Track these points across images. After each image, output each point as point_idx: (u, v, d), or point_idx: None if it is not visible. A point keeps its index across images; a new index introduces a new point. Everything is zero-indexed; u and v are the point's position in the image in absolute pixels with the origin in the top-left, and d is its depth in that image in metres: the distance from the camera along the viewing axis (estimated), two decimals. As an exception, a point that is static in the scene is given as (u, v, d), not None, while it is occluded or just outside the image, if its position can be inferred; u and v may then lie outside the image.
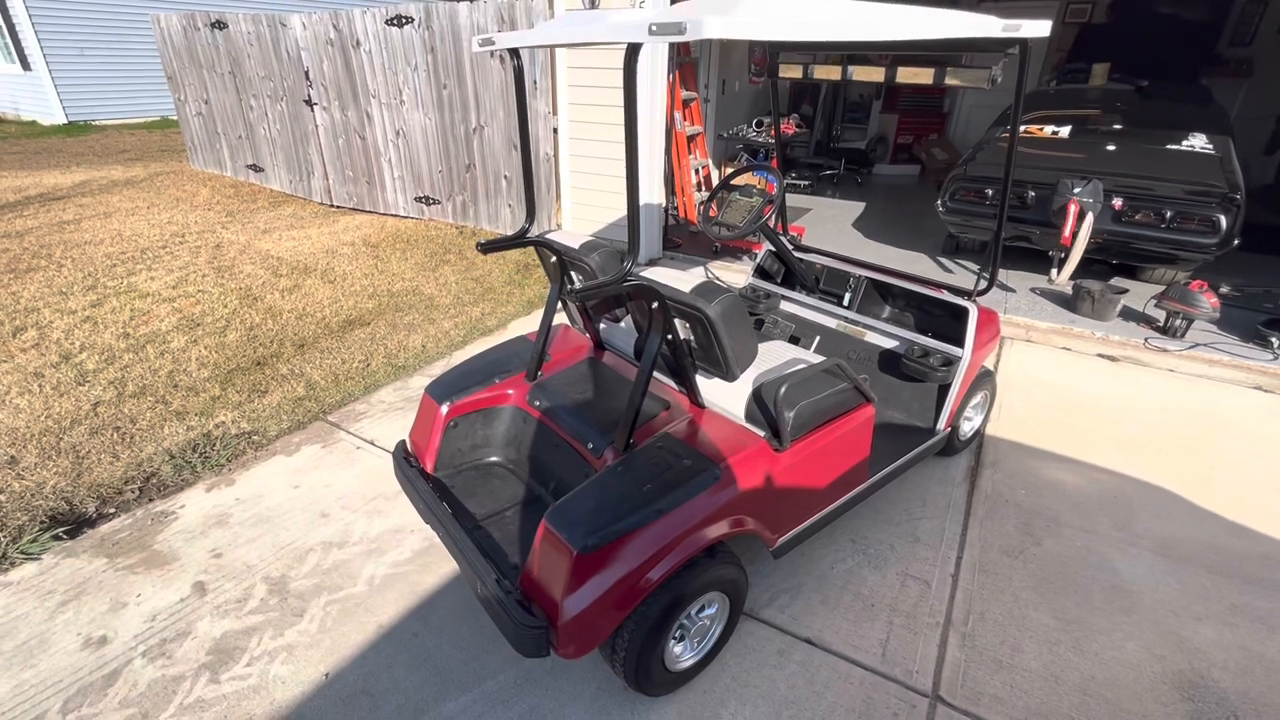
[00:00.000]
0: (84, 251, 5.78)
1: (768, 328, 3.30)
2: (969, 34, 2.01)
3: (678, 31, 1.26)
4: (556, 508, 1.73)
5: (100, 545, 2.57)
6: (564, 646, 1.66)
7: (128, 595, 2.34)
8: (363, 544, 2.58)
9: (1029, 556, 2.54)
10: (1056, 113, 5.71)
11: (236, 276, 5.31)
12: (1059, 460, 3.12)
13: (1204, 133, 5.05)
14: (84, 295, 4.83)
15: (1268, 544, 2.61)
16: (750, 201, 2.95)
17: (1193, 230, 4.43)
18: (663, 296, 1.77)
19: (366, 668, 2.08)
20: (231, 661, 2.10)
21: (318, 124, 7.12)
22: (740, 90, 8.06)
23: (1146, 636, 2.21)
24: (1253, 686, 2.04)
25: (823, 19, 1.57)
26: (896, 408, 2.90)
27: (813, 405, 2.06)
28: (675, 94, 5.88)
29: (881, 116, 9.27)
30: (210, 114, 8.55)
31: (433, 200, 6.76)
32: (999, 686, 2.03)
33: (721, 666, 2.07)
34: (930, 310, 2.98)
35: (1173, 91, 5.96)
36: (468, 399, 2.34)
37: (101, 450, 3.09)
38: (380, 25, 6.12)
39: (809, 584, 2.39)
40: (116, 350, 4.04)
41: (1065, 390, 3.73)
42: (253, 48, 7.28)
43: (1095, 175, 4.61)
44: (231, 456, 3.10)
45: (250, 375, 3.80)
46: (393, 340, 4.26)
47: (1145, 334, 4.31)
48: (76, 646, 2.14)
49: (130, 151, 10.59)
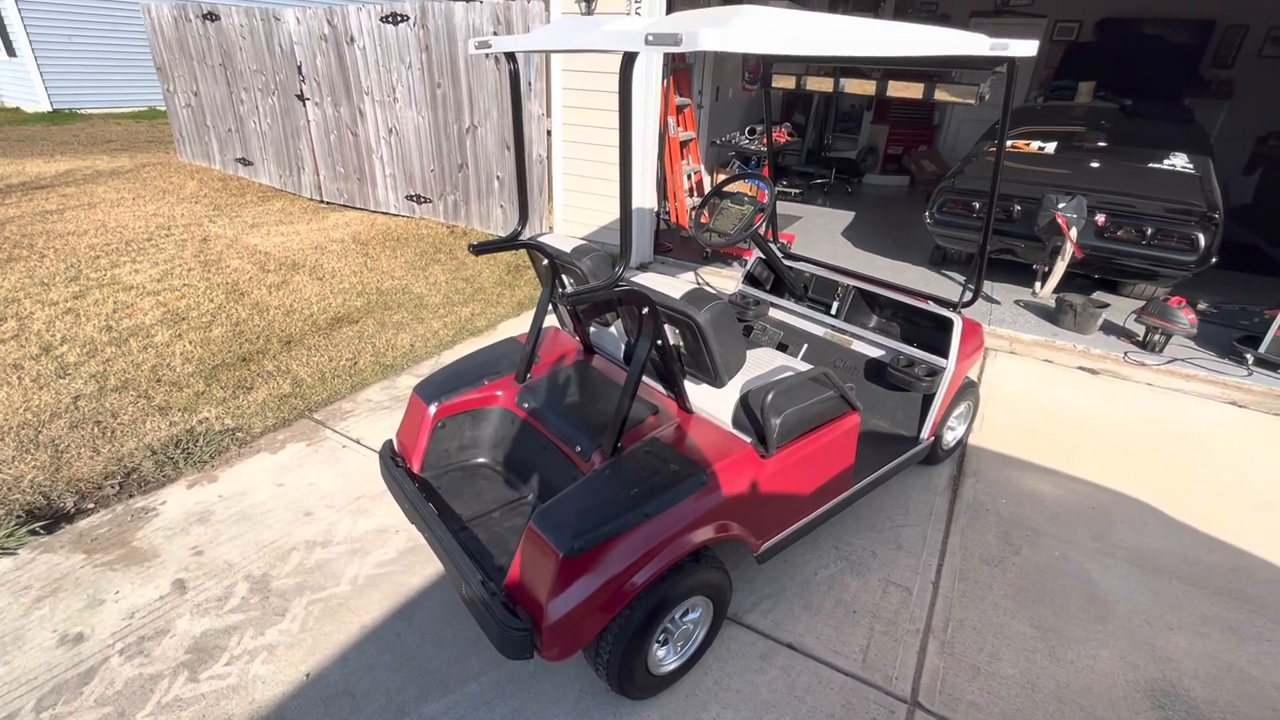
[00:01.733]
0: (67, 242, 5.69)
1: (756, 334, 3.33)
2: (958, 51, 2.05)
3: (674, 43, 1.28)
4: (543, 510, 1.74)
5: (78, 541, 2.54)
6: (548, 649, 1.67)
7: (106, 592, 2.31)
8: (347, 543, 2.56)
9: (1008, 565, 2.58)
10: (1043, 129, 5.82)
11: (223, 271, 5.26)
12: (1039, 471, 3.17)
13: (1185, 152, 5.17)
14: (66, 287, 4.76)
15: (1239, 556, 2.68)
16: (742, 209, 2.98)
17: (1172, 247, 4.53)
18: (653, 302, 1.79)
19: (348, 668, 2.07)
20: (211, 660, 2.08)
21: (309, 119, 7.07)
22: (734, 98, 8.12)
23: (1121, 645, 2.25)
24: (1222, 695, 2.09)
25: (817, 34, 1.60)
26: (881, 416, 2.93)
27: (799, 412, 2.08)
28: (669, 99, 5.91)
29: (872, 127, 9.38)
30: (199, 106, 8.46)
31: (424, 199, 6.73)
32: (976, 693, 2.06)
33: (704, 670, 2.09)
34: (916, 320, 3.03)
35: (1156, 111, 6.09)
36: (456, 400, 2.34)
37: (81, 444, 3.05)
38: (375, 22, 6.10)
39: (792, 589, 2.42)
40: (99, 343, 3.98)
41: (1046, 402, 3.79)
42: (245, 41, 7.23)
43: (1079, 191, 4.70)
44: (215, 453, 3.07)
45: (235, 371, 3.76)
46: (381, 339, 4.24)
47: (1125, 348, 4.39)
48: (52, 643, 2.11)
49: (116, 141, 10.45)
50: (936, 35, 1.93)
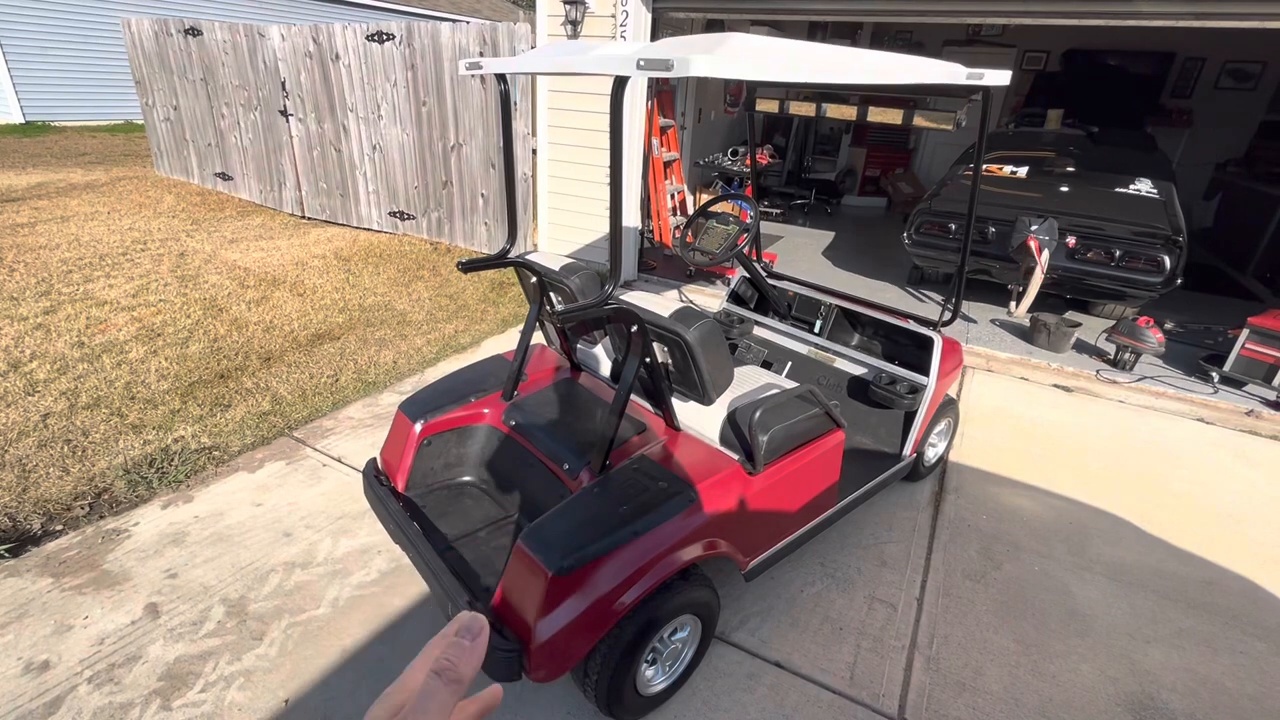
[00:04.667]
0: (38, 256, 5.56)
1: (741, 352, 3.37)
2: (936, 80, 2.13)
3: (665, 68, 1.32)
4: (532, 529, 1.73)
5: (46, 564, 2.45)
6: (536, 670, 1.65)
7: (74, 617, 2.23)
8: (327, 565, 2.51)
9: (990, 581, 2.62)
10: (1014, 153, 6.01)
11: (201, 286, 5.18)
12: (1018, 487, 3.23)
13: (1149, 178, 5.38)
14: (36, 301, 4.65)
15: (1210, 569, 2.74)
16: (726, 229, 3.03)
17: (1140, 269, 4.69)
18: (643, 321, 1.81)
19: (329, 693, 2.02)
20: (185, 687, 2.01)
21: (292, 135, 7.04)
22: (716, 119, 8.26)
23: (1100, 659, 2.29)
24: (1198, 707, 2.13)
25: (801, 61, 1.65)
26: (864, 433, 2.97)
27: (785, 430, 2.11)
28: (653, 120, 6.00)
29: (851, 149, 9.60)
30: (179, 120, 8.38)
31: (408, 215, 6.72)
32: (962, 709, 2.07)
33: (692, 690, 2.07)
34: (897, 339, 3.08)
35: (1121, 138, 6.33)
36: (442, 417, 2.33)
37: (50, 464, 2.96)
38: (361, 40, 6.12)
39: (779, 607, 2.42)
40: (70, 359, 3.88)
41: (1023, 419, 3.87)
42: (228, 56, 7.19)
43: (1050, 214, 4.86)
44: (190, 472, 3.00)
45: (213, 388, 3.69)
46: (363, 356, 4.19)
47: (1097, 366, 4.51)
48: (16, 672, 2.03)
49: (91, 155, 10.28)
50: (915, 64, 2.01)
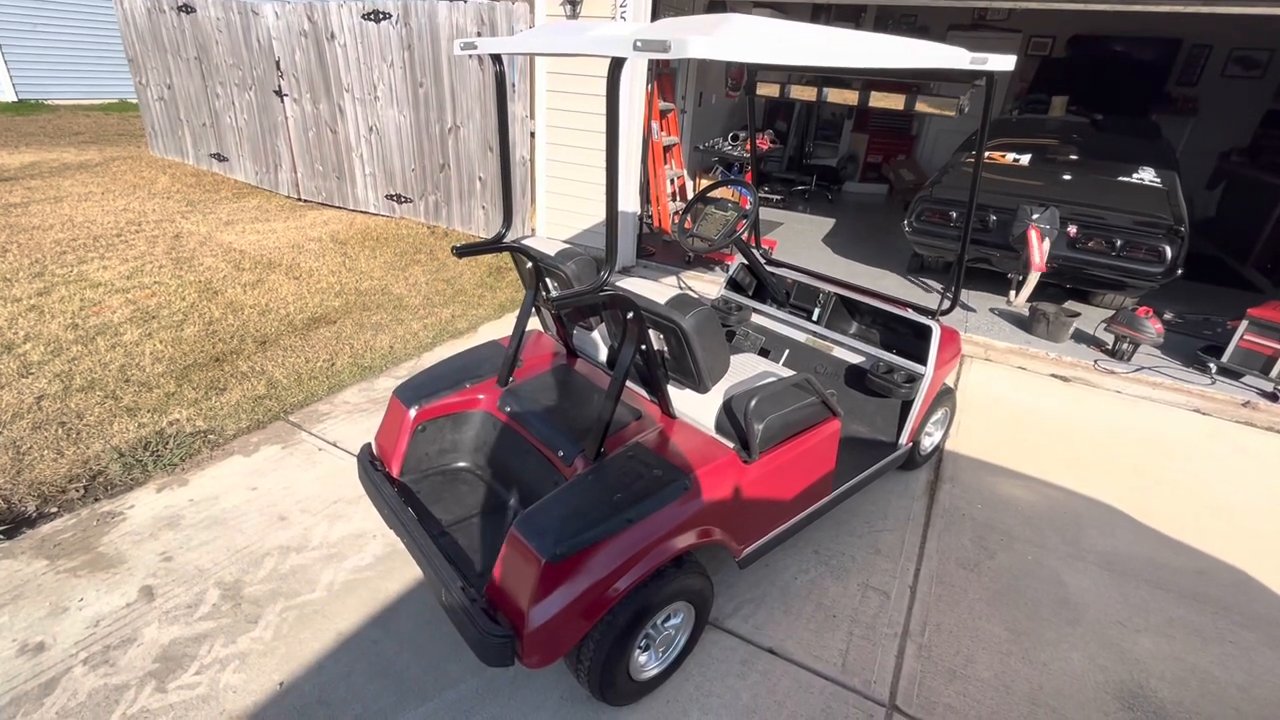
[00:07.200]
0: (31, 237, 5.51)
1: (738, 339, 3.35)
2: (939, 64, 2.09)
3: (662, 49, 1.28)
4: (525, 516, 1.72)
5: (40, 546, 2.45)
6: (529, 656, 1.65)
7: (69, 599, 2.23)
8: (322, 548, 2.51)
9: (983, 569, 2.63)
10: (1017, 140, 5.95)
11: (196, 269, 5.14)
12: (1013, 476, 3.24)
13: (1153, 166, 5.33)
14: (30, 283, 4.61)
15: (1202, 559, 2.76)
16: (725, 215, 3.00)
17: (1140, 259, 4.66)
18: (638, 307, 1.79)
19: (323, 676, 2.03)
20: (179, 670, 2.02)
21: (288, 116, 6.95)
22: (717, 104, 8.17)
23: (1091, 648, 2.30)
24: (1187, 696, 2.15)
25: (802, 44, 1.61)
26: (861, 422, 2.97)
27: (781, 418, 2.10)
28: (653, 104, 5.93)
29: (852, 135, 9.51)
30: (173, 99, 8.27)
31: (404, 199, 6.66)
32: (953, 696, 2.09)
33: (685, 676, 2.09)
34: (895, 328, 3.07)
35: (1125, 126, 6.27)
36: (437, 403, 2.32)
37: (44, 446, 2.95)
38: (356, 19, 6.02)
39: (773, 594, 2.43)
40: (64, 341, 3.86)
41: (1020, 408, 3.87)
42: (221, 34, 7.08)
43: (1052, 203, 4.82)
44: (185, 456, 2.99)
45: (208, 371, 3.67)
46: (359, 340, 4.17)
47: (1095, 356, 4.50)
48: (12, 653, 2.04)
49: (85, 134, 10.16)
50: (919, 48, 1.97)
